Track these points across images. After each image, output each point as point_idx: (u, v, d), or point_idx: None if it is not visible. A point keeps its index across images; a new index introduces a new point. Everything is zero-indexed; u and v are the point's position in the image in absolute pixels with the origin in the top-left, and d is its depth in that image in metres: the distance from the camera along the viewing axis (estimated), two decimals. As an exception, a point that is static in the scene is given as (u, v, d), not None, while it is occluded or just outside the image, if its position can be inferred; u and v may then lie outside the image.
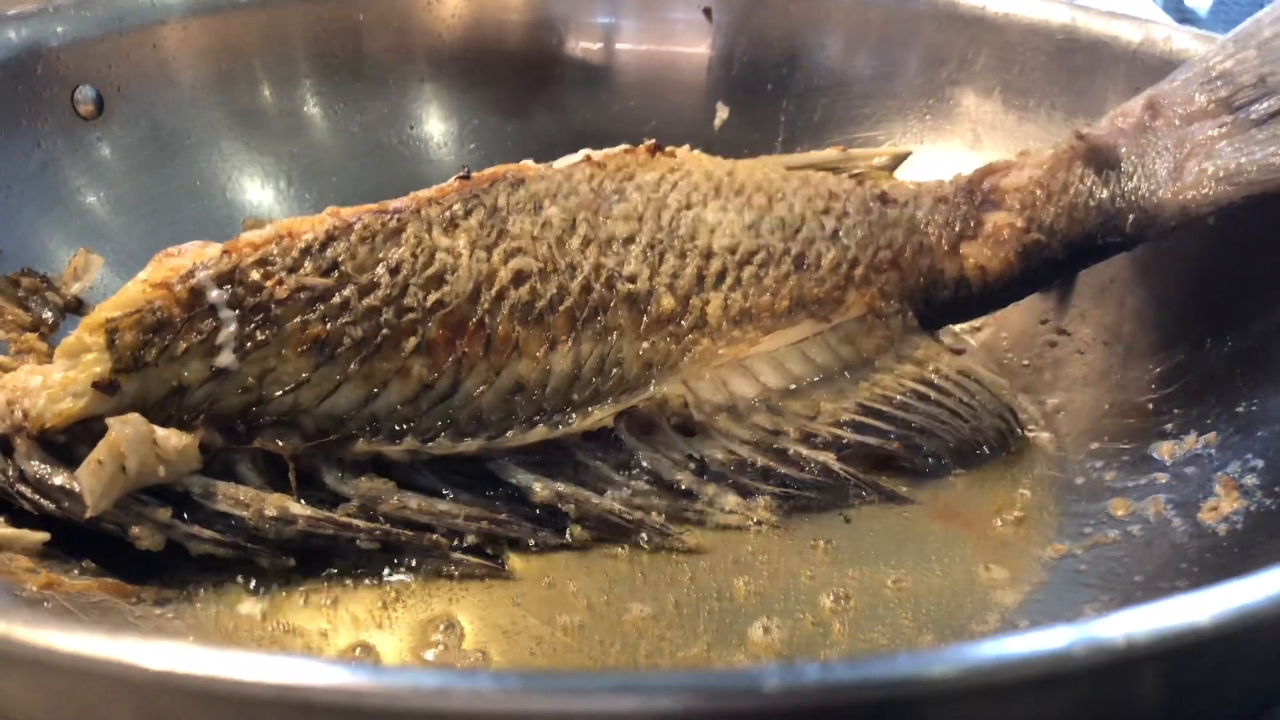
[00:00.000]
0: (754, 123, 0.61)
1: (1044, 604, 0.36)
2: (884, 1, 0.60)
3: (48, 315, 0.44)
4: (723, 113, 0.62)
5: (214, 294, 0.35)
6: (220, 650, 0.17)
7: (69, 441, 0.34)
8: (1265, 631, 0.22)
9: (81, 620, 0.29)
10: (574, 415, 0.39)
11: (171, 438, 0.33)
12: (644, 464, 0.39)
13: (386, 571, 0.35)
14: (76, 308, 0.45)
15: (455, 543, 0.36)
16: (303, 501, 0.35)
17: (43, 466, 0.33)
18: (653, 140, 0.49)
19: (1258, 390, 0.40)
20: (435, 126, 0.59)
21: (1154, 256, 0.47)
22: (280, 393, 0.35)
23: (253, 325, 0.35)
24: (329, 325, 0.36)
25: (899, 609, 0.35)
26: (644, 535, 0.37)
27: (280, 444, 0.35)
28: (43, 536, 0.33)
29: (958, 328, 0.50)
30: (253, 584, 0.34)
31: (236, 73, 0.54)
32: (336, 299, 0.36)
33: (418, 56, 0.59)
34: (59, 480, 0.33)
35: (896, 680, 0.18)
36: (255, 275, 0.36)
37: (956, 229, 0.47)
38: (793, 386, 0.43)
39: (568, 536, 0.37)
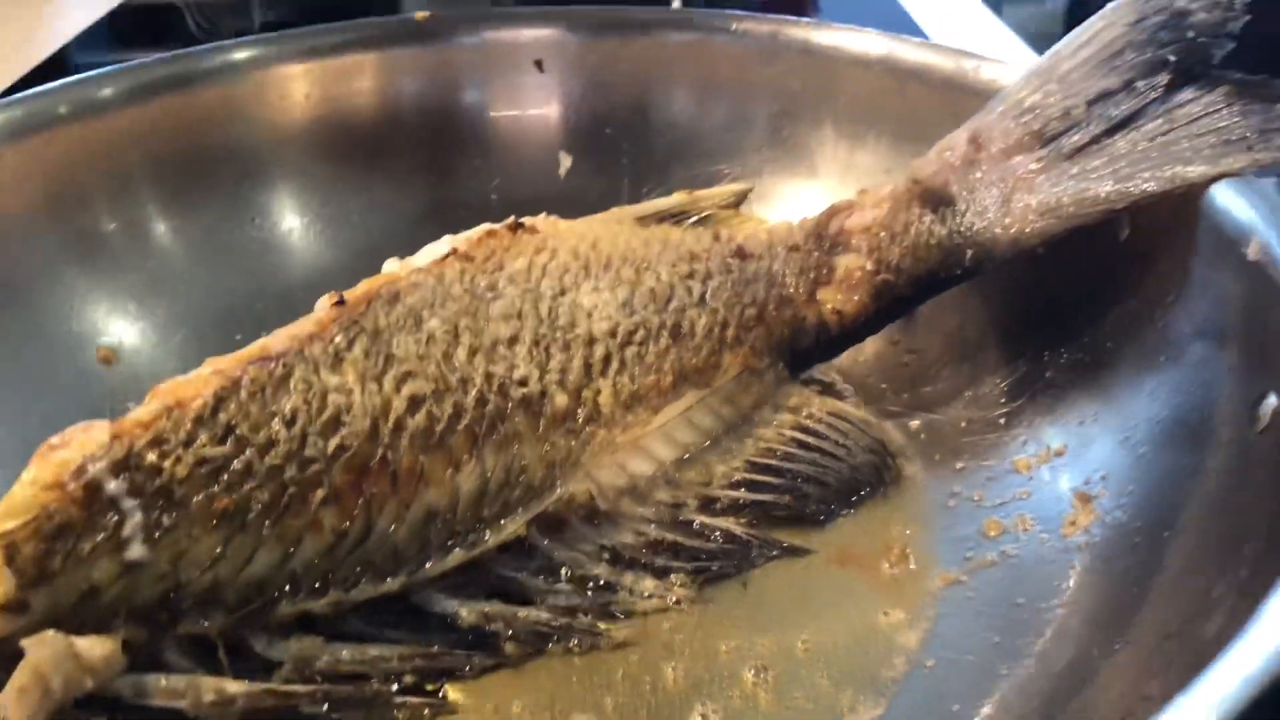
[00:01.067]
0: (598, 168, 0.63)
1: (943, 637, 0.39)
2: (712, 41, 0.62)
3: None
4: (566, 161, 0.63)
5: (112, 485, 0.34)
6: None
7: (-15, 670, 0.33)
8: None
9: None
10: (488, 532, 0.40)
11: (95, 647, 0.33)
12: (560, 564, 0.41)
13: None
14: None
15: (394, 685, 0.37)
16: (239, 678, 0.35)
17: (-40, 700, 0.32)
18: (512, 218, 0.50)
19: (1094, 401, 0.44)
20: (282, 216, 0.58)
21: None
22: (198, 573, 0.35)
23: (158, 511, 0.35)
24: (235, 494, 0.36)
25: (814, 669, 0.38)
26: (573, 639, 0.39)
27: (205, 624, 0.35)
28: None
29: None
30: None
31: (65, 194, 0.51)
32: (238, 465, 0.36)
33: (258, 146, 0.57)
34: (-14, 718, 0.32)
35: None
36: (151, 457, 0.35)
37: (811, 276, 0.49)
38: (686, 456, 0.45)
39: (502, 655, 0.38)
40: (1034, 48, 0.90)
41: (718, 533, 0.43)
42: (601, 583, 0.41)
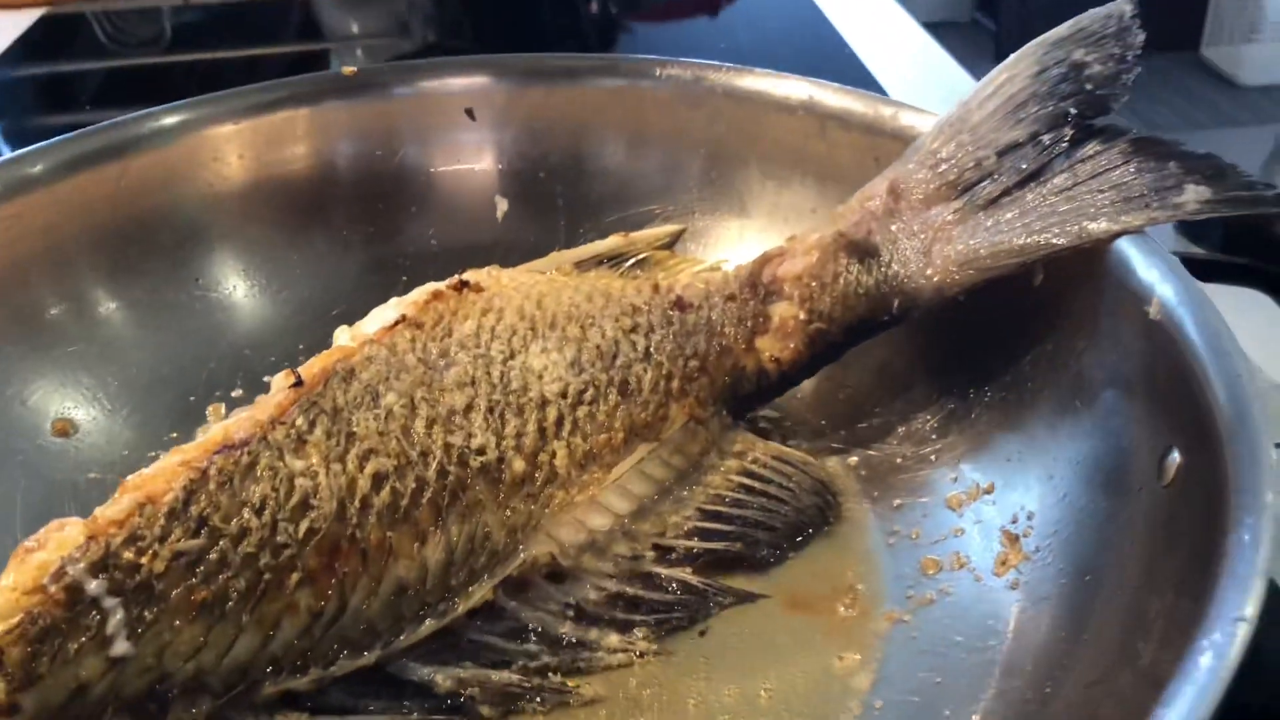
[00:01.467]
0: (535, 212, 0.65)
1: (890, 679, 0.41)
2: (638, 86, 0.64)
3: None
4: (502, 205, 0.65)
5: (92, 585, 0.35)
6: None
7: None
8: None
9: None
10: (457, 600, 0.42)
11: (87, 747, 0.34)
12: (528, 625, 0.43)
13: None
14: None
15: (377, 756, 0.38)
16: (229, 764, 0.36)
17: (-47, 809, 0.33)
18: (456, 277, 0.51)
19: (1018, 440, 0.47)
20: (225, 276, 0.58)
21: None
22: (182, 663, 0.36)
23: (139, 606, 0.36)
24: (213, 585, 0.37)
25: (777, 718, 0.40)
26: (541, 698, 0.41)
27: (193, 711, 0.36)
28: None
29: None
30: None
31: (4, 273, 0.51)
32: (213, 556, 0.37)
33: (195, 210, 0.58)
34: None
35: None
36: (129, 555, 0.36)
37: (749, 325, 0.52)
38: (639, 507, 0.47)
39: (479, 719, 0.40)
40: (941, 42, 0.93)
41: (674, 583, 0.45)
42: (568, 640, 0.43)
